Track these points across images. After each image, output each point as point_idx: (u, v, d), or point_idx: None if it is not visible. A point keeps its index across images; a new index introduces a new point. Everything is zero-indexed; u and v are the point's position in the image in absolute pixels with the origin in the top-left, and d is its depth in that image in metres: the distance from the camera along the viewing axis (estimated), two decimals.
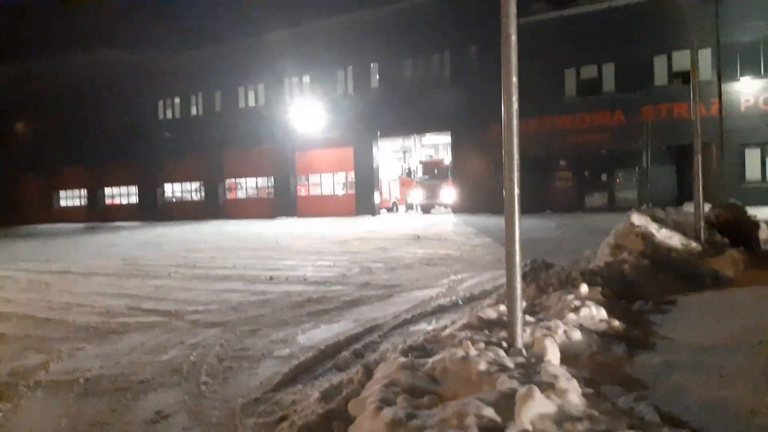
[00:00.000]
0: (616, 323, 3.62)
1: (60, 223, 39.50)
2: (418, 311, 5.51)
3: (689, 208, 7.04)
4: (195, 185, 35.33)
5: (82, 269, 10.52)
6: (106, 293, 7.58)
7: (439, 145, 35.42)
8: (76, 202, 41.36)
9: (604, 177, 24.96)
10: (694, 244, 5.95)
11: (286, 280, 8.06)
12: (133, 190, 37.97)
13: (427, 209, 28.67)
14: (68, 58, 37.20)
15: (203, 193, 34.68)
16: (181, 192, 36.28)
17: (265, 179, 32.31)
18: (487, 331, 3.41)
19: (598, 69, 23.04)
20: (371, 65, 28.40)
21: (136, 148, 35.39)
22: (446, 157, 30.18)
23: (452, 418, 2.16)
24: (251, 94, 32.28)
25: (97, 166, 38.32)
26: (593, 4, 22.44)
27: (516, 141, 2.96)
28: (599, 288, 4.25)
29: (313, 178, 30.89)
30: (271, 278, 8.21)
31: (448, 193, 26.78)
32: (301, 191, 31.30)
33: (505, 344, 2.98)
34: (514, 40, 2.99)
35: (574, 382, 2.37)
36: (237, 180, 33.73)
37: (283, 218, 29.50)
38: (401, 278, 7.76)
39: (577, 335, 3.27)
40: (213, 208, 33.58)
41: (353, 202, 28.92)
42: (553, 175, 25.11)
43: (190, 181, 35.36)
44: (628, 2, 21.61)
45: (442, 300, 5.99)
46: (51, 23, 46.90)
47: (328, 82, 29.42)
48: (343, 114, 28.38)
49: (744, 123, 19.91)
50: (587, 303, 3.84)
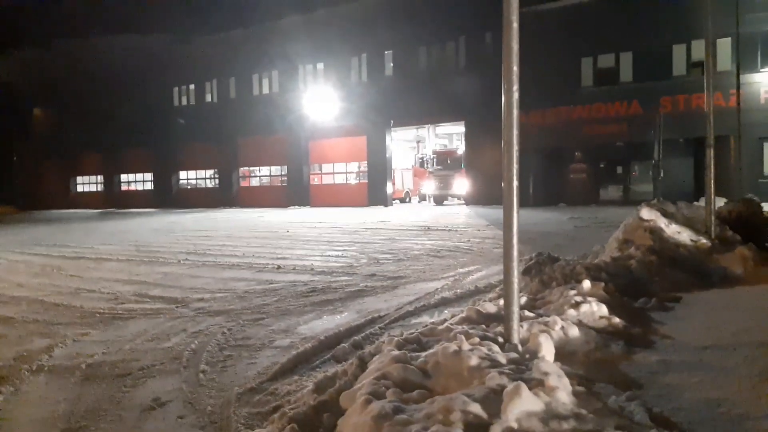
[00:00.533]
0: (617, 320, 3.57)
1: (77, 208, 40.13)
2: (422, 303, 5.51)
3: (703, 202, 6.90)
4: (209, 173, 35.52)
5: (95, 254, 10.70)
6: (116, 279, 7.69)
7: (453, 135, 35.20)
8: (93, 188, 41.90)
9: (619, 170, 24.58)
10: (703, 240, 5.84)
11: (294, 269, 8.09)
12: (149, 176, 38.35)
13: (439, 200, 28.43)
14: (86, 44, 37.48)
15: (217, 181, 34.88)
16: (196, 179, 36.53)
17: (279, 168, 32.40)
18: (484, 326, 3.39)
19: (615, 58, 22.52)
20: (385, 53, 28.17)
21: (152, 135, 35.67)
22: (460, 147, 29.94)
23: (438, 413, 2.15)
24: (265, 82, 32.27)
25: (114, 153, 38.78)
26: None
27: (516, 131, 2.90)
28: (602, 284, 4.19)
29: (326, 168, 30.89)
30: (279, 267, 8.25)
31: (461, 184, 26.48)
32: (314, 180, 31.33)
33: (501, 339, 2.96)
34: (515, 27, 2.92)
35: (565, 379, 2.34)
36: (251, 168, 33.87)
37: (296, 207, 29.61)
38: (408, 270, 7.76)
39: (574, 332, 3.24)
40: (227, 195, 33.79)
41: (365, 192, 28.86)
42: (567, 168, 24.81)
43: (205, 168, 35.56)
44: None
45: (447, 293, 5.97)
46: (68, 10, 47.30)
47: (342, 70, 29.30)
48: (356, 102, 28.26)
49: (763, 116, 19.36)
50: (588, 299, 3.79)
